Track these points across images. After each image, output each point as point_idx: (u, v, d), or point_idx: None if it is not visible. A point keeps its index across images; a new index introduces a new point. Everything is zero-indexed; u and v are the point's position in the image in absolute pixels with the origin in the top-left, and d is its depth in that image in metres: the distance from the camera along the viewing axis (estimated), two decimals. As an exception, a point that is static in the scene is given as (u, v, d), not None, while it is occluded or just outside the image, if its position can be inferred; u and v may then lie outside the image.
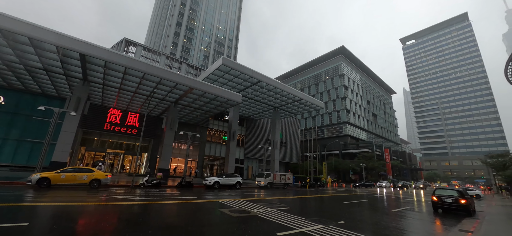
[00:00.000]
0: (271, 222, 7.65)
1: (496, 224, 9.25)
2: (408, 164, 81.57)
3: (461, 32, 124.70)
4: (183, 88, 24.88)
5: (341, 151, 62.67)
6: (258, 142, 46.89)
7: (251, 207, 10.33)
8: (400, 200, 19.44)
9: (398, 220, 9.62)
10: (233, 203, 11.42)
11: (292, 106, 40.95)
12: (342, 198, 18.07)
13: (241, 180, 21.49)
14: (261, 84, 32.32)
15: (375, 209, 12.88)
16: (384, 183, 41.38)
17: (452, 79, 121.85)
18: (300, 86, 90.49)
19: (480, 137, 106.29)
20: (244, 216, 8.28)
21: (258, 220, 7.82)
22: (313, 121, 78.58)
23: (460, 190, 12.56)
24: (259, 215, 8.63)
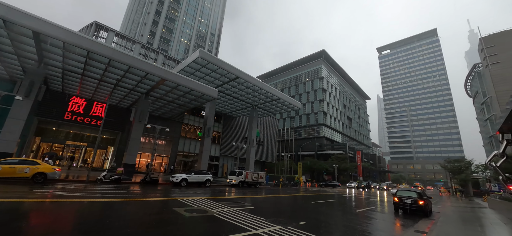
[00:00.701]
0: (226, 222, 7.23)
1: (449, 225, 9.72)
2: (378, 166, 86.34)
3: (430, 46, 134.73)
4: (154, 79, 23.49)
5: (317, 152, 64.38)
6: (235, 140, 46.29)
7: (211, 206, 9.81)
8: (366, 200, 20.16)
9: (359, 221, 9.75)
10: (195, 201, 10.82)
11: (270, 105, 40.91)
12: (311, 198, 18.25)
13: (211, 177, 20.81)
14: (240, 81, 31.75)
15: (340, 209, 13.06)
16: (353, 183, 43.12)
17: (420, 89, 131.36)
18: (280, 86, 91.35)
19: (441, 143, 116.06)
20: (199, 216, 7.76)
21: (212, 221, 7.35)
22: (291, 121, 79.78)
23: (419, 191, 13.19)
24: (216, 215, 8.16)
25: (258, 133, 51.50)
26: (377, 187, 52.30)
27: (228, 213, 8.72)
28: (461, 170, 42.52)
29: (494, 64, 54.86)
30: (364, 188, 42.20)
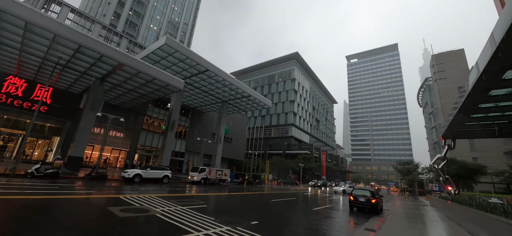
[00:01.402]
0: (166, 223, 6.39)
1: (396, 222, 10.15)
2: (340, 167, 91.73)
3: (391, 59, 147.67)
4: (111, 62, 21.13)
5: (285, 151, 65.69)
6: (203, 135, 44.63)
7: (158, 205, 8.81)
8: (325, 198, 20.76)
9: (315, 219, 9.67)
10: (141, 200, 9.67)
11: (241, 102, 40.24)
12: (273, 196, 18.10)
13: (169, 173, 19.40)
14: (209, 74, 30.44)
15: (298, 207, 13.00)
16: (314, 182, 44.65)
17: (380, 97, 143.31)
18: (254, 84, 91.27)
19: (395, 147, 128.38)
20: (134, 217, 6.77)
21: (150, 221, 6.45)
22: (262, 120, 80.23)
23: (372, 190, 13.81)
24: (158, 215, 7.24)
25: (227, 129, 50.46)
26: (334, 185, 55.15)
27: (174, 212, 7.85)
28: (409, 172, 47.20)
29: (442, 79, 62.00)
30: (320, 187, 42.86)
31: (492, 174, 36.90)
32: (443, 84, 60.81)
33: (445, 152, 15.33)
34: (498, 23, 6.10)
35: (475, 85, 7.96)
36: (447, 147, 15.10)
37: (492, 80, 7.86)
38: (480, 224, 6.94)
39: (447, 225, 10.23)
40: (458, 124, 12.83)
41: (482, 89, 8.57)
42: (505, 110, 10.69)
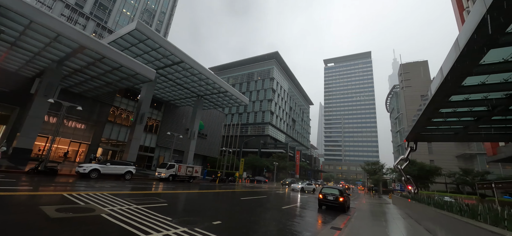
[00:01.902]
0: (111, 225, 5.55)
1: (361, 220, 10.29)
2: (313, 166, 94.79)
3: (364, 66, 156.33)
4: (70, 44, 18.94)
5: (260, 149, 65.81)
6: (176, 130, 42.66)
7: (108, 204, 7.80)
8: (296, 197, 20.88)
9: (282, 217, 9.40)
10: (89, 197, 8.54)
11: (217, 98, 39.15)
12: (243, 194, 17.67)
13: (133, 169, 17.91)
14: (185, 66, 29.00)
15: (267, 206, 12.70)
16: (288, 181, 45.11)
17: (353, 101, 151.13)
18: (232, 81, 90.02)
19: (364, 148, 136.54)
20: (71, 218, 5.80)
21: (90, 224, 5.55)
22: (239, 117, 79.50)
23: (340, 188, 14.06)
24: (104, 215, 6.32)
25: (202, 125, 48.96)
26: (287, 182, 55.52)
27: (126, 212, 6.96)
28: (375, 172, 50.27)
29: (408, 87, 66.94)
30: (289, 185, 42.79)
31: (445, 175, 40.74)
32: (409, 92, 65.74)
33: (408, 153, 16.22)
34: (463, 29, 6.23)
35: (438, 89, 8.25)
36: (410, 149, 15.98)
37: (452, 86, 8.16)
38: (437, 222, 7.19)
39: (407, 223, 10.67)
40: (421, 127, 13.49)
41: (443, 95, 8.94)
42: (461, 116, 11.37)
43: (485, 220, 4.30)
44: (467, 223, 4.61)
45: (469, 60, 6.56)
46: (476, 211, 4.74)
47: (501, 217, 3.90)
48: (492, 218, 4.13)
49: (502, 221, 3.82)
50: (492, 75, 7.84)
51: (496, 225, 4.03)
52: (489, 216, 4.21)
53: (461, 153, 52.16)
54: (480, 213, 4.53)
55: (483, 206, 4.70)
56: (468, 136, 14.14)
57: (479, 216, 4.49)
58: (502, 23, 5.38)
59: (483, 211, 4.48)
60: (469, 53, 6.32)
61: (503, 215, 3.88)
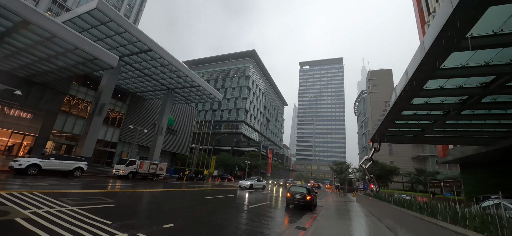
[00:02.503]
0: (26, 234, 4.40)
1: (326, 219, 10.19)
2: (285, 165, 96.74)
3: (336, 71, 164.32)
4: (10, 16, 16.14)
5: (233, 148, 64.91)
6: (142, 125, 39.77)
7: (35, 205, 6.45)
8: (266, 195, 20.60)
9: (246, 218, 8.85)
10: (12, 198, 7.03)
11: (189, 92, 37.36)
12: (210, 192, 16.79)
13: (84, 165, 15.85)
14: (153, 55, 26.96)
15: (233, 205, 12.07)
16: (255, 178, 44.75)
17: (325, 104, 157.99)
18: (207, 76, 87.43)
19: (332, 149, 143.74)
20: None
21: None
22: (213, 114, 77.54)
23: (308, 187, 14.00)
24: (20, 220, 5.09)
25: (171, 120, 46.50)
26: (274, 182, 55.01)
27: (54, 216, 5.75)
28: (342, 171, 52.87)
29: (374, 93, 71.72)
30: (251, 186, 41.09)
31: (403, 175, 44.38)
32: (375, 97, 70.49)
33: (372, 153, 16.90)
34: (429, 31, 6.25)
35: (403, 91, 8.40)
36: (374, 149, 16.64)
37: (415, 87, 8.35)
38: (398, 220, 7.26)
39: (369, 221, 10.91)
40: (385, 129, 13.97)
41: (407, 96, 9.16)
42: (420, 119, 11.95)
43: (444, 219, 4.26)
44: (429, 222, 4.54)
45: (432, 62, 6.68)
46: (435, 210, 4.73)
47: (463, 216, 3.83)
48: (451, 217, 4.10)
49: (462, 220, 3.75)
50: (450, 80, 8.22)
51: (455, 223, 3.98)
52: (449, 215, 4.16)
53: (416, 155, 57.46)
54: (440, 211, 4.51)
55: (442, 204, 4.70)
56: (425, 138, 15.17)
57: (439, 215, 4.47)
58: (464, 28, 5.46)
59: (442, 209, 4.45)
60: (433, 55, 6.41)
61: (464, 214, 3.81)
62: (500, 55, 6.62)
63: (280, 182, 46.16)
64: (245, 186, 26.43)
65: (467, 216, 3.73)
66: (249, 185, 26.56)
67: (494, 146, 14.24)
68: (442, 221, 4.26)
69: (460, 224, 3.78)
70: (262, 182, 29.67)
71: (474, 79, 8.05)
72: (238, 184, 26.62)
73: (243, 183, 26.90)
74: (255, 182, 28.55)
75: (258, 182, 29.18)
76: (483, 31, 5.79)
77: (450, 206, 4.42)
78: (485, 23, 5.48)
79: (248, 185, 26.56)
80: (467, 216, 3.74)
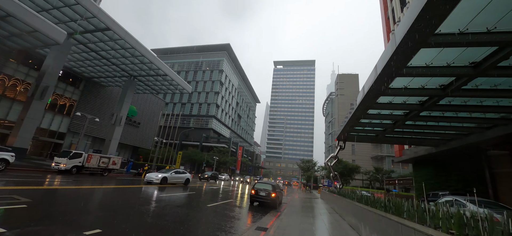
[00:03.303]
0: None
1: (289, 217, 9.75)
2: (254, 162, 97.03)
3: (308, 72, 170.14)
4: None
5: (202, 143, 62.63)
6: (98, 114, 35.68)
7: None
8: (227, 192, 19.73)
9: (202, 218, 7.88)
10: None
11: (154, 81, 34.54)
12: (164, 190, 15.32)
13: (9, 157, 13.10)
14: (113, 36, 24.03)
15: (190, 204, 10.96)
16: (223, 175, 43.20)
17: (295, 103, 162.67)
18: (178, 67, 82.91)
19: (301, 147, 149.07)
20: None
21: None
22: (182, 107, 73.85)
23: (273, 184, 13.52)
24: None
25: (134, 111, 42.84)
26: (237, 178, 52.93)
27: None
28: (309, 169, 54.71)
29: (341, 95, 75.61)
30: (207, 179, 34.15)
31: (363, 173, 47.53)
32: (342, 99, 74.40)
33: (337, 151, 17.20)
34: (401, 24, 5.98)
35: (371, 87, 8.25)
36: (340, 147, 16.95)
37: (383, 85, 8.26)
38: (362, 218, 7.03)
39: (333, 218, 10.81)
40: (350, 127, 14.14)
41: (373, 95, 9.16)
42: (383, 119, 12.21)
43: (411, 218, 3.95)
44: (398, 223, 4.18)
45: (402, 57, 6.51)
46: (400, 208, 4.44)
47: (437, 216, 3.49)
48: (419, 216, 3.80)
49: (434, 220, 3.42)
50: (414, 80, 8.31)
51: (422, 223, 3.67)
52: (417, 214, 3.86)
53: (375, 154, 62.17)
54: (406, 210, 4.21)
55: (408, 202, 4.43)
56: (385, 138, 15.88)
57: (404, 213, 4.18)
58: (434, 24, 5.28)
59: (409, 208, 4.16)
60: (403, 50, 6.21)
61: (437, 215, 3.47)
62: (461, 57, 6.74)
63: (247, 179, 45.38)
64: (154, 180, 18.05)
65: (440, 217, 3.38)
66: (160, 178, 18.36)
67: (443, 147, 15.50)
68: (410, 221, 3.94)
69: (430, 224, 3.46)
70: (184, 175, 21.87)
71: (435, 81, 8.24)
72: (145, 178, 18.53)
73: (151, 177, 18.33)
74: (172, 174, 20.27)
75: (178, 174, 21.08)
76: (451, 29, 5.71)
77: (418, 204, 4.14)
78: (453, 21, 5.40)
79: (160, 178, 18.34)
80: (440, 216, 3.38)
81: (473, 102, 9.47)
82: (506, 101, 9.05)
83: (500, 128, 11.33)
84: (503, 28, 5.22)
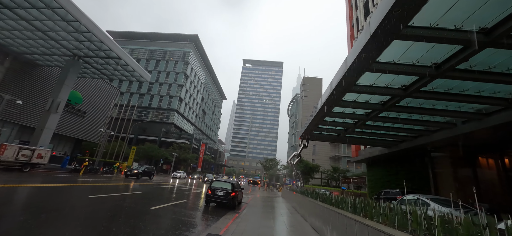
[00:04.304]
0: None
1: (248, 219, 8.92)
2: (217, 160, 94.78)
3: (276, 73, 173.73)
4: None
5: (161, 138, 58.10)
6: (30, 98, 29.82)
7: None
8: (180, 192, 18.04)
9: (140, 225, 6.40)
10: None
11: (105, 65, 30.35)
12: (100, 189, 13.03)
13: None
14: (50, 3, 19.96)
15: (130, 206, 9.23)
16: (179, 173, 40.31)
17: (262, 103, 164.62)
18: (138, 54, 75.68)
19: (265, 146, 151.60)
20: None
21: None
22: (140, 98, 67.56)
23: (233, 182, 12.41)
24: None
25: (79, 97, 37.28)
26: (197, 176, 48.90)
27: None
28: (271, 167, 55.35)
29: (306, 97, 78.61)
30: (137, 176, 26.54)
31: (322, 172, 49.93)
32: (306, 101, 77.39)
33: (301, 150, 17.10)
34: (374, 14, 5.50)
35: (339, 83, 7.96)
36: (303, 145, 16.88)
37: (351, 80, 8.25)
38: (326, 220, 6.47)
39: (295, 220, 10.29)
40: (314, 126, 14.00)
41: (341, 90, 9.20)
42: (346, 117, 12.22)
43: (391, 223, 3.39)
44: (377, 230, 3.54)
45: (375, 48, 6.22)
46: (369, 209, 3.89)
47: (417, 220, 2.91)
48: (400, 220, 3.25)
49: (415, 224, 2.86)
50: (380, 78, 8.21)
51: (402, 229, 3.11)
52: (398, 217, 3.31)
53: (333, 155, 66.18)
54: (383, 213, 3.66)
55: (384, 205, 3.91)
56: (346, 137, 16.28)
57: (380, 216, 3.63)
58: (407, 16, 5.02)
59: (387, 211, 3.62)
60: (376, 40, 5.85)
61: (416, 218, 2.89)
62: (426, 56, 6.72)
63: (206, 178, 43.18)
64: None
65: (437, 224, 2.79)
66: None
67: (395, 148, 16.58)
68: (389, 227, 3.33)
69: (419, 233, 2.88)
70: None
71: (399, 80, 8.29)
72: None
73: None
74: None
75: None
76: (423, 23, 5.50)
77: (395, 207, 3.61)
78: (426, 15, 5.20)
79: None
80: (438, 224, 2.79)
81: (427, 106, 9.93)
82: (454, 106, 9.68)
83: (444, 132, 12.33)
84: (469, 27, 5.20)
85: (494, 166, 12.73)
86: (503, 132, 10.27)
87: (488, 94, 8.39)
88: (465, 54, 5.86)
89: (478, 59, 6.22)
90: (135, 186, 17.39)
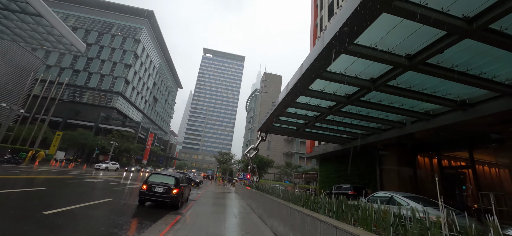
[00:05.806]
0: None
1: (191, 226, 7.16)
2: (167, 152, 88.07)
3: (237, 67, 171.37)
4: None
5: (98, 124, 49.95)
6: None
7: None
8: (109, 188, 14.89)
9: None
10: None
11: (20, 23, 23.71)
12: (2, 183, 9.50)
13: None
14: None
15: (25, 208, 6.50)
16: (105, 164, 34.35)
17: (220, 95, 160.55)
18: (74, 21, 63.55)
19: (220, 140, 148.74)
20: None
21: None
22: (74, 75, 56.83)
23: (177, 176, 10.27)
24: None
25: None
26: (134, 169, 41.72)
27: None
28: (225, 161, 53.79)
29: (265, 93, 79.22)
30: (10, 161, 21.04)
31: (275, 167, 50.87)
32: (265, 97, 78.02)
33: (258, 143, 16.20)
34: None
35: (296, 83, 8.28)
36: (261, 138, 16.01)
37: (305, 84, 8.36)
38: (295, 225, 5.28)
39: (251, 224, 9.03)
40: (275, 118, 13.12)
41: (295, 93, 9.17)
42: (309, 110, 11.60)
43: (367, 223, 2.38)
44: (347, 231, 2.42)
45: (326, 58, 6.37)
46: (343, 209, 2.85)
47: None
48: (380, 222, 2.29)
49: None
50: (330, 85, 8.73)
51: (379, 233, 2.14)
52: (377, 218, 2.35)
53: (286, 151, 68.57)
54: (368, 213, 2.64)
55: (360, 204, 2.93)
56: (304, 132, 16.00)
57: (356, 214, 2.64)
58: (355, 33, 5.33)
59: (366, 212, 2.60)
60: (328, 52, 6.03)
61: None
62: (366, 71, 7.39)
63: (146, 171, 38.35)
64: None
65: None
66: None
67: (348, 145, 17.12)
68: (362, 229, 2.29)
69: None
70: None
71: (344, 89, 8.82)
72: None
73: None
74: None
75: None
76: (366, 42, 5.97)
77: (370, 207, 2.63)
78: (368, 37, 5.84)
79: None
80: None
81: (386, 103, 9.94)
82: (409, 104, 9.92)
83: (394, 131, 12.91)
84: (398, 52, 6.15)
85: (429, 164, 14.08)
86: (444, 133, 11.14)
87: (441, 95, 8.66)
88: (393, 73, 6.89)
89: (403, 79, 7.40)
90: (40, 181, 13.43)
